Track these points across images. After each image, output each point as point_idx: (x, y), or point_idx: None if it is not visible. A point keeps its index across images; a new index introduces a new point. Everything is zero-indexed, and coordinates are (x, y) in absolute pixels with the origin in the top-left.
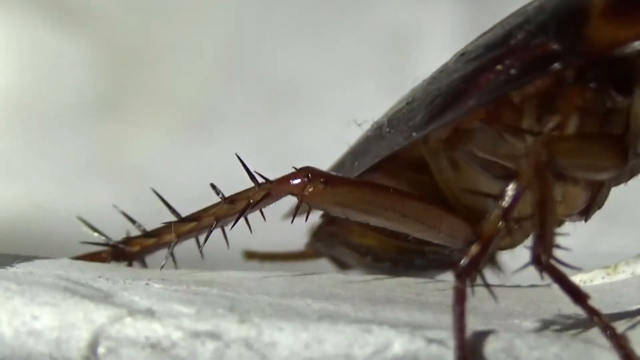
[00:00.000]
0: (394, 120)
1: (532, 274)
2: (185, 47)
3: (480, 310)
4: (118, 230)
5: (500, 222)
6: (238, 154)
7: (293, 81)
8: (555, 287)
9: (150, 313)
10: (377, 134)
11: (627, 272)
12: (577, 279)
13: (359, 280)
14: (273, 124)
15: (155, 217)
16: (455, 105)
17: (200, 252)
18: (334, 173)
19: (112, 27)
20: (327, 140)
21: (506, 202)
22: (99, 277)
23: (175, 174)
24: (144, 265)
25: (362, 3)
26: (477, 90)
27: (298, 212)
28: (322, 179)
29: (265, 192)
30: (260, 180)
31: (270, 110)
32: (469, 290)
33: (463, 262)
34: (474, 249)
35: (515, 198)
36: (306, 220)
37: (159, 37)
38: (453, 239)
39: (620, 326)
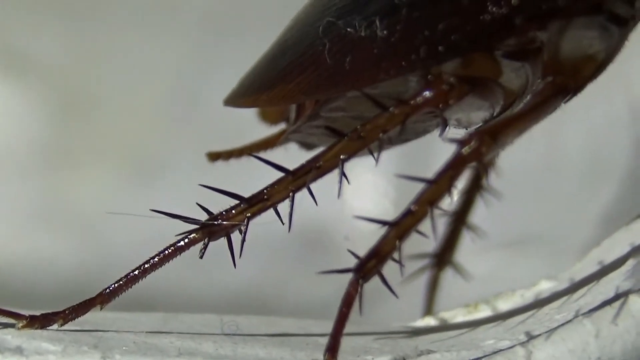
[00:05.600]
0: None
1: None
2: (129, 95)
3: None
4: (63, 278)
5: (397, 242)
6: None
7: (238, 126)
8: (416, 324)
9: (19, 351)
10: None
11: (487, 310)
12: (438, 316)
13: (226, 319)
14: (220, 168)
15: (101, 265)
16: None
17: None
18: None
19: (56, 75)
20: None
21: (401, 225)
22: None
23: (121, 222)
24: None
25: None
26: None
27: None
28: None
29: (404, 114)
30: None
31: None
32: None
33: (361, 270)
34: (372, 263)
35: (409, 228)
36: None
37: (104, 85)
38: None
39: None
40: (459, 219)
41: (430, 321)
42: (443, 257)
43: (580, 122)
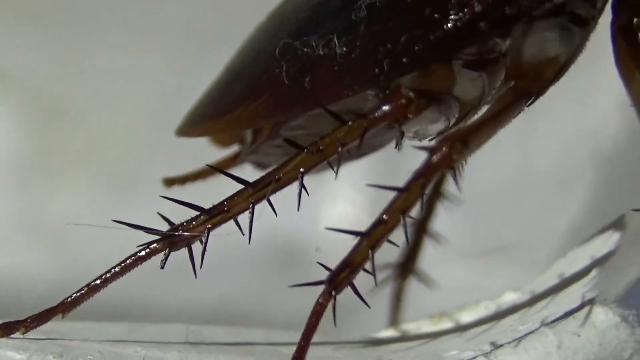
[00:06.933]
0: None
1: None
2: (107, 106)
3: None
4: (38, 290)
5: (369, 252)
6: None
7: None
8: (380, 335)
9: None
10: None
11: (451, 321)
12: (402, 327)
13: (192, 329)
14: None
15: (78, 277)
16: None
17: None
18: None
19: (34, 87)
20: None
21: (373, 235)
22: None
23: (98, 233)
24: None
25: None
26: None
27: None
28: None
29: (363, 128)
30: None
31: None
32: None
33: (333, 282)
34: (344, 274)
35: (381, 237)
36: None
37: (82, 97)
38: None
39: None
40: (421, 228)
41: (394, 332)
42: (406, 267)
43: (550, 134)
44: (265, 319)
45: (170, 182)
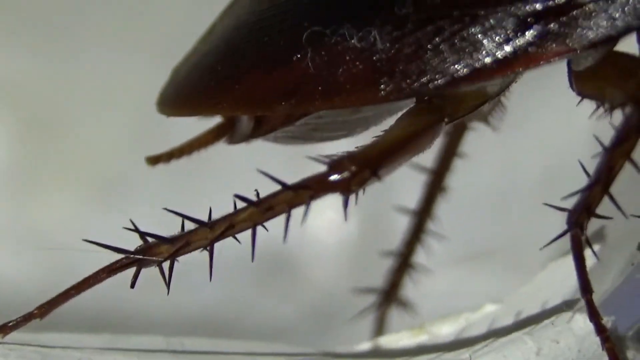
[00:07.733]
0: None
1: None
2: (100, 114)
3: None
4: (28, 297)
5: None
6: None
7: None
8: (361, 347)
9: None
10: None
11: (432, 333)
12: (383, 340)
13: (172, 340)
14: (185, 189)
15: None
16: None
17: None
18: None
19: (26, 94)
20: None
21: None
22: None
23: (86, 245)
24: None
25: None
26: None
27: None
28: (369, 168)
29: (309, 196)
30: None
31: (181, 176)
32: None
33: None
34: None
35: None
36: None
37: (70, 106)
38: None
39: None
40: (404, 261)
41: (375, 344)
42: (390, 295)
43: (537, 140)
44: (247, 330)
45: (155, 160)
